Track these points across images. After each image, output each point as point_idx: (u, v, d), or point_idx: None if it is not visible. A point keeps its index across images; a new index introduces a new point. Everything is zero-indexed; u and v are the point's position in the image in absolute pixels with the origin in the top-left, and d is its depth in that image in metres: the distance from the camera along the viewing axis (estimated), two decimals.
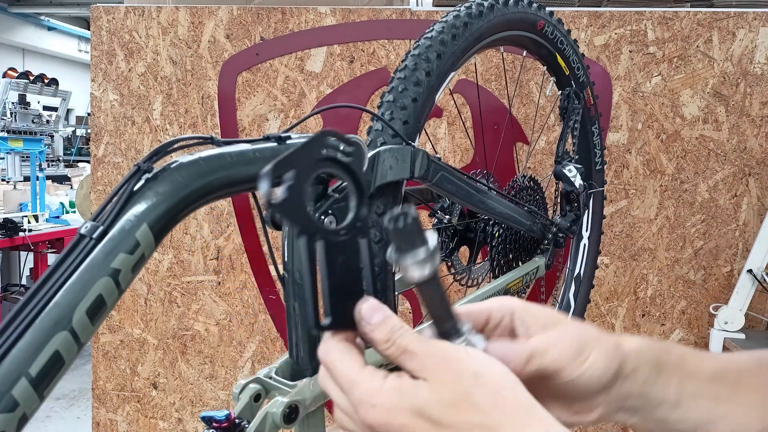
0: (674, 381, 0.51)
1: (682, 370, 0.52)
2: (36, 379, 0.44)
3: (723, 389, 0.53)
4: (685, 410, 0.51)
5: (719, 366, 0.54)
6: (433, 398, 0.39)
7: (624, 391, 0.49)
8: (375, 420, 0.39)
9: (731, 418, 0.52)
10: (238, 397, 0.67)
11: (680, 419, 0.51)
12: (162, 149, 0.55)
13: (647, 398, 0.50)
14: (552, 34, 0.98)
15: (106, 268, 0.49)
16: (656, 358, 0.51)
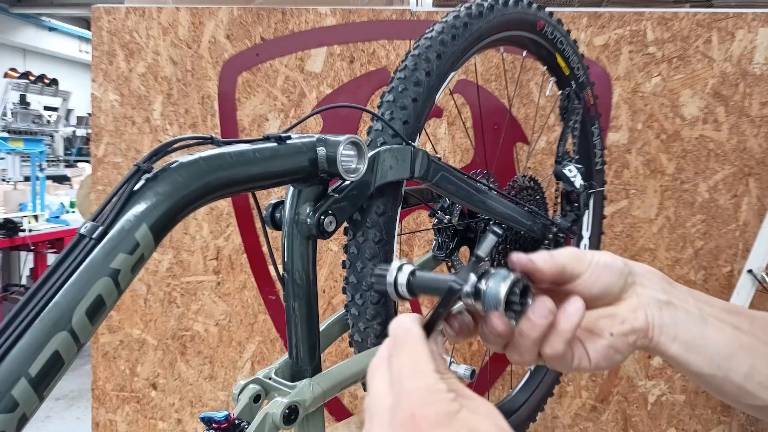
0: (690, 300, 0.52)
1: (694, 294, 0.53)
2: (36, 379, 0.44)
3: (741, 321, 0.52)
4: (715, 330, 0.51)
5: (729, 304, 0.54)
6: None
7: (648, 293, 0.50)
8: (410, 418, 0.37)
9: (759, 353, 0.51)
10: (237, 398, 0.67)
11: (715, 341, 0.50)
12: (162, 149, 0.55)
13: (675, 309, 0.50)
14: (552, 34, 0.98)
15: (106, 269, 0.49)
16: (663, 276, 0.53)
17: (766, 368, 0.51)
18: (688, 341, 0.51)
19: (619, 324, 0.51)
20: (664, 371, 1.70)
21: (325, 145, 0.65)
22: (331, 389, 0.68)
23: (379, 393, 0.41)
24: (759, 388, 0.51)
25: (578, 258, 0.50)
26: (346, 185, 0.68)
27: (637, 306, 0.51)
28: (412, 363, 0.41)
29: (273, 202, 0.69)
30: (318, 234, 0.65)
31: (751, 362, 0.51)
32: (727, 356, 0.51)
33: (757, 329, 0.52)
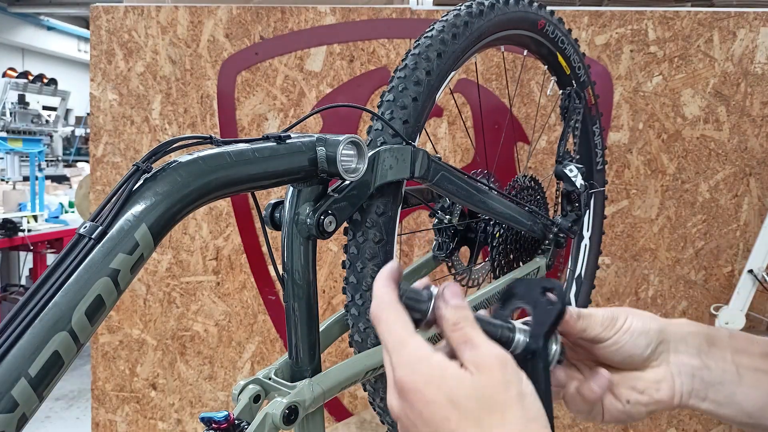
0: (728, 355, 0.51)
1: (734, 345, 0.53)
2: (35, 379, 0.44)
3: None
4: (749, 385, 0.51)
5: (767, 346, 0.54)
6: (472, 393, 0.39)
7: (680, 361, 0.51)
8: (409, 384, 0.40)
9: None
10: (237, 398, 0.66)
11: (747, 396, 0.51)
12: (161, 149, 0.55)
13: (709, 372, 0.51)
14: (553, 33, 0.98)
15: (105, 269, 0.49)
16: (703, 331, 0.53)
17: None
18: (719, 400, 0.51)
19: (638, 394, 0.51)
20: None
21: (324, 144, 0.64)
22: (331, 389, 0.68)
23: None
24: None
25: (610, 320, 0.50)
26: (346, 185, 0.68)
27: (664, 377, 0.51)
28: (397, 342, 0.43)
29: (272, 202, 0.69)
30: (318, 234, 0.65)
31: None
32: (761, 407, 0.51)
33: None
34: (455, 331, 0.43)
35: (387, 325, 0.43)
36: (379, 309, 0.44)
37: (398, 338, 0.43)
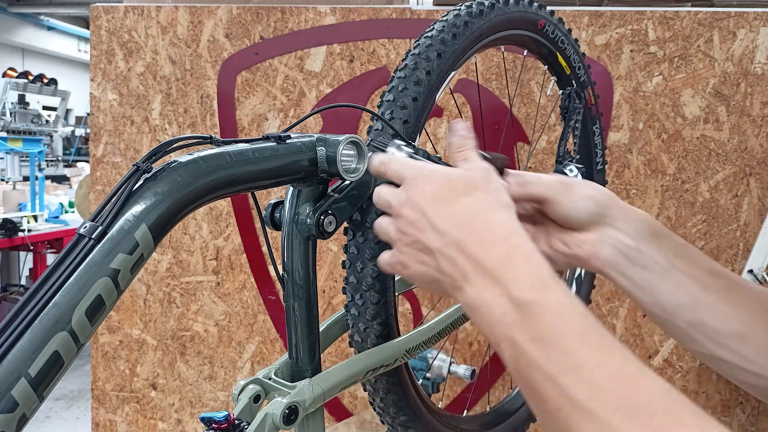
0: (667, 252, 0.57)
1: (682, 250, 0.58)
2: (35, 379, 0.44)
3: (716, 283, 0.57)
4: (674, 284, 0.56)
5: (721, 269, 0.58)
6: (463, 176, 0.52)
7: (614, 235, 0.57)
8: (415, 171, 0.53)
9: (714, 309, 0.55)
10: (237, 398, 0.66)
11: (668, 291, 0.56)
12: (161, 149, 0.55)
13: (639, 254, 0.57)
14: (553, 33, 0.98)
15: (105, 269, 0.49)
16: (657, 227, 0.59)
17: (716, 324, 0.55)
18: (637, 282, 0.57)
19: (563, 245, 0.59)
20: (664, 371, 1.70)
21: (324, 144, 0.64)
22: (331, 389, 0.68)
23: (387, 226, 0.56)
24: (704, 339, 0.56)
25: (561, 185, 0.59)
26: (346, 185, 0.68)
27: (590, 240, 0.58)
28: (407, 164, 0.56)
29: (272, 202, 0.69)
30: (318, 234, 0.65)
31: (699, 315, 0.56)
32: (676, 305, 0.56)
33: (731, 293, 0.56)
34: (459, 152, 0.56)
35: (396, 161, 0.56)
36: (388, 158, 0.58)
37: (407, 162, 0.55)
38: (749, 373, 0.55)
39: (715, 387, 1.69)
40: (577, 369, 0.39)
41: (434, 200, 0.50)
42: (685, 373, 1.69)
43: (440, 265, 0.49)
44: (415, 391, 0.82)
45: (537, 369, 0.40)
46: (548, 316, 0.42)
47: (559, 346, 0.40)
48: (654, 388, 0.37)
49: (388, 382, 0.77)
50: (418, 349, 0.76)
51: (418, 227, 0.51)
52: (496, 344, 0.44)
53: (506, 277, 0.45)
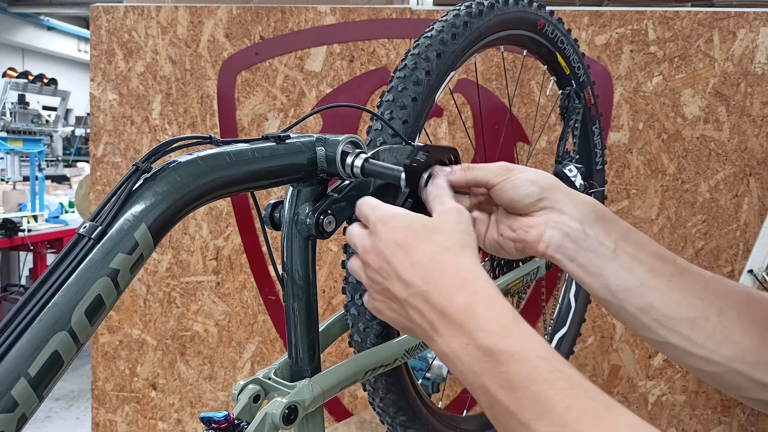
0: (613, 235, 0.57)
1: (628, 235, 0.58)
2: (35, 379, 0.44)
3: (664, 268, 0.57)
4: (621, 267, 0.57)
5: (669, 254, 0.58)
6: (427, 222, 0.53)
7: (559, 218, 0.57)
8: (378, 218, 0.53)
9: (663, 294, 0.56)
10: (237, 398, 0.66)
11: (616, 275, 0.57)
12: (160, 149, 0.55)
13: (585, 236, 0.57)
14: (552, 33, 0.98)
15: (105, 269, 0.49)
16: (603, 211, 0.58)
17: (665, 309, 0.56)
18: (585, 266, 0.57)
19: (511, 231, 0.60)
20: (664, 371, 1.70)
21: (324, 144, 0.64)
22: (331, 389, 0.68)
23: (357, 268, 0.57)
24: (654, 324, 0.56)
25: (504, 170, 0.60)
26: (346, 185, 0.68)
27: (537, 224, 0.58)
28: (374, 206, 0.57)
29: (272, 202, 0.69)
30: (317, 234, 0.65)
31: (648, 300, 0.56)
32: (625, 289, 0.56)
33: (680, 278, 0.57)
34: (434, 199, 0.58)
35: (368, 203, 0.56)
36: (364, 200, 0.57)
37: (374, 204, 0.56)
38: (699, 359, 0.56)
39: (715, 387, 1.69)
40: (547, 414, 0.40)
41: (397, 248, 0.51)
42: (685, 373, 1.69)
43: (409, 315, 0.50)
44: (414, 391, 0.82)
45: (510, 416, 0.42)
46: (514, 363, 0.43)
47: (528, 392, 0.41)
48: (622, 425, 0.39)
49: (387, 382, 0.77)
50: (417, 349, 0.76)
51: (384, 276, 0.52)
52: (472, 391, 0.45)
53: (470, 327, 0.45)
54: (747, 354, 0.55)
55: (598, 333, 1.71)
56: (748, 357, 0.55)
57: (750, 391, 0.56)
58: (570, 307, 1.20)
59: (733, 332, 0.55)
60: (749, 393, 0.56)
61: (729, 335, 0.55)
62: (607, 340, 1.71)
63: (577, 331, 1.20)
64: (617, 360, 1.71)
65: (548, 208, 0.58)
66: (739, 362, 0.55)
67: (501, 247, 0.62)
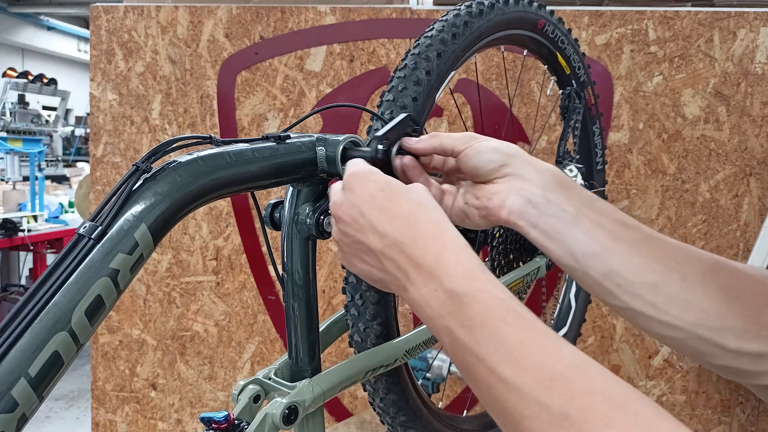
0: (575, 201, 0.58)
1: (590, 202, 0.59)
2: (35, 379, 0.44)
3: (627, 234, 0.58)
4: (583, 233, 0.58)
5: (633, 221, 0.60)
6: (398, 186, 0.55)
7: (521, 185, 0.59)
8: (353, 176, 0.56)
9: (625, 259, 0.57)
10: (237, 398, 0.66)
11: (578, 240, 0.58)
12: (160, 149, 0.55)
13: (546, 202, 0.58)
14: (552, 33, 0.98)
15: (105, 269, 0.49)
16: (564, 178, 0.60)
17: (628, 274, 0.56)
18: (547, 232, 0.58)
19: (475, 199, 0.61)
20: (664, 371, 1.70)
21: (324, 144, 0.64)
22: (331, 389, 0.68)
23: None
24: (618, 290, 0.57)
25: (469, 138, 0.61)
26: None
27: (499, 191, 0.59)
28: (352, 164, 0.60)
29: (272, 202, 0.69)
30: (317, 234, 0.65)
31: (611, 265, 0.57)
32: (586, 254, 0.57)
33: (643, 244, 0.57)
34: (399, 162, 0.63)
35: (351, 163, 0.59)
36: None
37: (355, 161, 0.59)
38: (663, 324, 0.57)
39: (715, 387, 1.69)
40: (501, 348, 0.43)
41: (372, 201, 0.54)
42: (685, 373, 1.69)
43: (384, 265, 0.53)
44: (414, 391, 0.82)
45: (470, 353, 0.45)
46: (475, 303, 0.46)
47: (486, 329, 0.45)
48: (570, 359, 0.42)
49: (387, 382, 0.77)
50: (417, 349, 0.76)
51: (356, 228, 0.54)
52: (437, 335, 0.49)
53: (440, 273, 0.49)
54: (710, 319, 0.55)
55: (599, 333, 1.71)
56: (712, 322, 0.55)
57: (715, 357, 0.56)
58: (570, 307, 1.19)
59: (697, 298, 0.56)
60: (714, 359, 0.56)
61: (692, 301, 0.56)
62: (607, 340, 1.71)
63: (577, 331, 1.20)
64: (617, 360, 1.71)
65: (511, 175, 0.59)
66: (702, 328, 0.55)
67: (466, 216, 0.63)
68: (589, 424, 0.38)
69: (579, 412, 0.38)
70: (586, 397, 0.39)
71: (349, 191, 0.55)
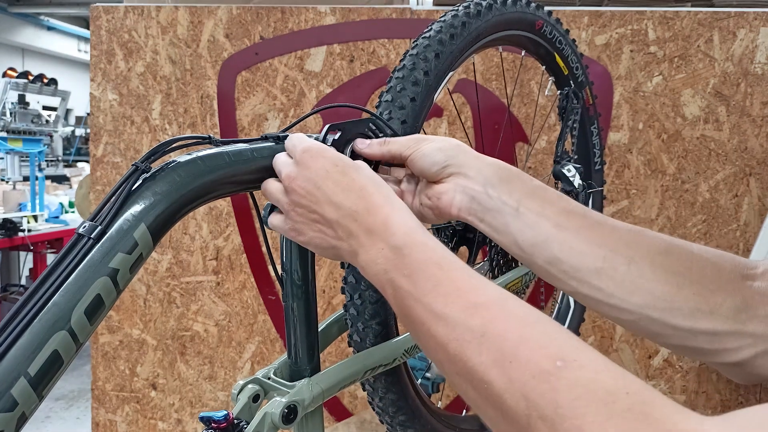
0: (516, 194, 0.62)
1: (534, 193, 0.62)
2: (35, 378, 0.44)
3: (571, 222, 0.61)
4: (525, 224, 0.61)
5: (579, 208, 0.62)
6: (348, 161, 0.59)
7: (464, 183, 0.62)
8: (307, 152, 0.59)
9: (568, 247, 0.60)
10: (236, 398, 0.67)
11: (521, 231, 0.61)
12: (160, 149, 0.55)
13: (488, 198, 0.62)
14: (551, 33, 0.98)
15: (105, 268, 0.49)
16: (506, 173, 0.63)
17: (571, 261, 0.60)
18: (493, 225, 0.62)
19: (427, 199, 0.65)
20: (664, 371, 1.70)
21: None
22: (330, 389, 0.68)
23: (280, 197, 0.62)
24: (563, 275, 0.61)
25: (414, 141, 0.65)
26: None
27: (446, 190, 0.63)
28: (300, 140, 0.62)
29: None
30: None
31: (554, 253, 0.60)
32: (531, 244, 0.61)
33: (589, 231, 0.60)
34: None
35: (294, 139, 0.61)
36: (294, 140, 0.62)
37: (301, 136, 0.62)
38: (612, 307, 0.60)
39: (715, 387, 1.69)
40: (435, 288, 0.49)
41: (327, 175, 0.58)
42: (685, 373, 1.69)
43: (337, 233, 0.57)
44: (414, 390, 0.82)
45: (409, 296, 0.50)
46: (415, 253, 0.52)
47: (423, 274, 0.50)
48: (492, 292, 0.48)
49: (387, 381, 0.77)
50: (417, 349, 0.77)
51: (311, 200, 0.58)
52: (382, 289, 0.54)
53: (387, 234, 0.54)
54: (659, 301, 0.58)
55: (598, 333, 1.71)
56: (660, 304, 0.58)
57: (669, 337, 0.59)
58: (569, 307, 1.20)
59: (645, 281, 0.58)
60: (668, 339, 0.59)
61: (640, 284, 0.58)
62: (607, 340, 1.71)
63: (576, 331, 1.20)
64: (617, 360, 1.71)
65: (455, 173, 0.63)
66: (651, 309, 0.58)
67: (422, 215, 0.66)
68: (504, 340, 0.43)
69: (495, 329, 0.44)
70: (503, 320, 0.45)
71: (303, 166, 0.59)
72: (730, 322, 0.57)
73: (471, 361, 0.44)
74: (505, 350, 0.43)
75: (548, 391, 0.40)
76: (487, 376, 0.43)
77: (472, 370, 0.44)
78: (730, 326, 0.57)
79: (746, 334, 0.57)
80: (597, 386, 0.40)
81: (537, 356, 0.42)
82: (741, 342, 0.57)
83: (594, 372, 0.41)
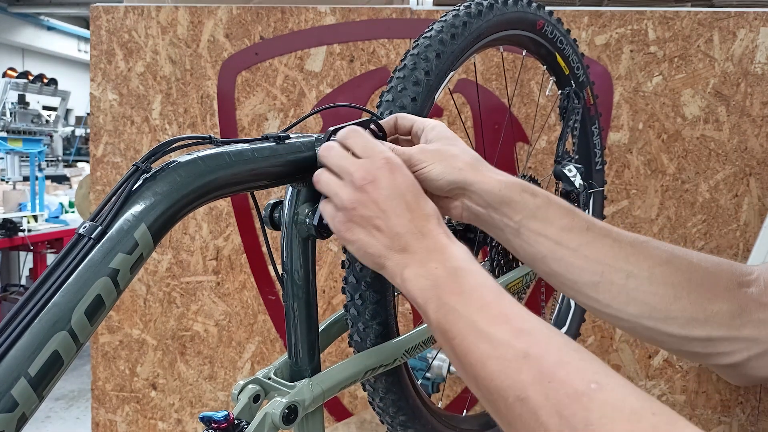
0: (518, 217, 0.65)
1: (536, 213, 0.65)
2: (35, 378, 0.44)
3: (571, 240, 0.64)
4: (525, 242, 0.65)
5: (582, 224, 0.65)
6: (419, 187, 0.60)
7: (468, 204, 0.66)
8: (394, 171, 0.59)
9: (566, 263, 0.64)
10: (237, 398, 0.66)
11: (521, 248, 0.66)
12: (160, 149, 0.55)
13: (490, 218, 0.65)
14: (551, 33, 0.98)
15: (105, 269, 0.49)
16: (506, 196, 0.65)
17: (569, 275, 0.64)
18: (496, 238, 0.67)
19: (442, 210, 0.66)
20: (664, 371, 1.70)
21: None
22: (331, 389, 0.68)
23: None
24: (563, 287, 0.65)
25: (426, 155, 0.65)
26: None
27: (455, 206, 0.67)
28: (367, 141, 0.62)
29: (272, 202, 0.69)
30: (317, 234, 0.65)
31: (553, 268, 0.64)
32: (531, 259, 0.66)
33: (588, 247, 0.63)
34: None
35: (363, 135, 0.62)
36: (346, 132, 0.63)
37: (373, 139, 0.62)
38: (609, 315, 0.64)
39: (715, 387, 1.69)
40: (483, 309, 0.52)
41: (406, 191, 0.59)
42: (685, 373, 1.69)
43: (393, 245, 0.58)
44: (414, 390, 0.82)
45: (454, 312, 0.52)
46: (469, 278, 0.55)
47: (474, 295, 0.53)
48: (537, 323, 0.51)
49: (387, 381, 0.77)
50: (417, 349, 0.77)
51: (384, 208, 0.58)
52: (423, 303, 0.55)
53: (444, 257, 0.57)
54: (655, 312, 0.62)
55: (598, 333, 1.71)
56: (656, 314, 0.62)
57: (664, 343, 0.63)
58: (569, 307, 1.20)
59: (641, 294, 0.62)
60: (664, 345, 0.64)
61: (635, 296, 0.62)
62: (607, 340, 1.71)
63: (576, 331, 1.20)
64: (617, 360, 1.71)
65: (460, 194, 0.66)
66: (646, 319, 0.62)
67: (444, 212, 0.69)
68: (545, 362, 0.46)
69: (537, 352, 0.47)
70: (545, 344, 0.48)
71: (384, 173, 0.59)
72: (724, 328, 0.60)
73: (510, 379, 0.47)
74: (544, 371, 0.46)
75: (581, 410, 0.43)
76: (524, 393, 0.46)
77: (510, 386, 0.47)
78: (725, 332, 0.60)
79: (740, 338, 0.59)
80: (624, 406, 0.43)
81: (573, 378, 0.45)
82: (735, 346, 0.60)
83: (623, 395, 0.44)
